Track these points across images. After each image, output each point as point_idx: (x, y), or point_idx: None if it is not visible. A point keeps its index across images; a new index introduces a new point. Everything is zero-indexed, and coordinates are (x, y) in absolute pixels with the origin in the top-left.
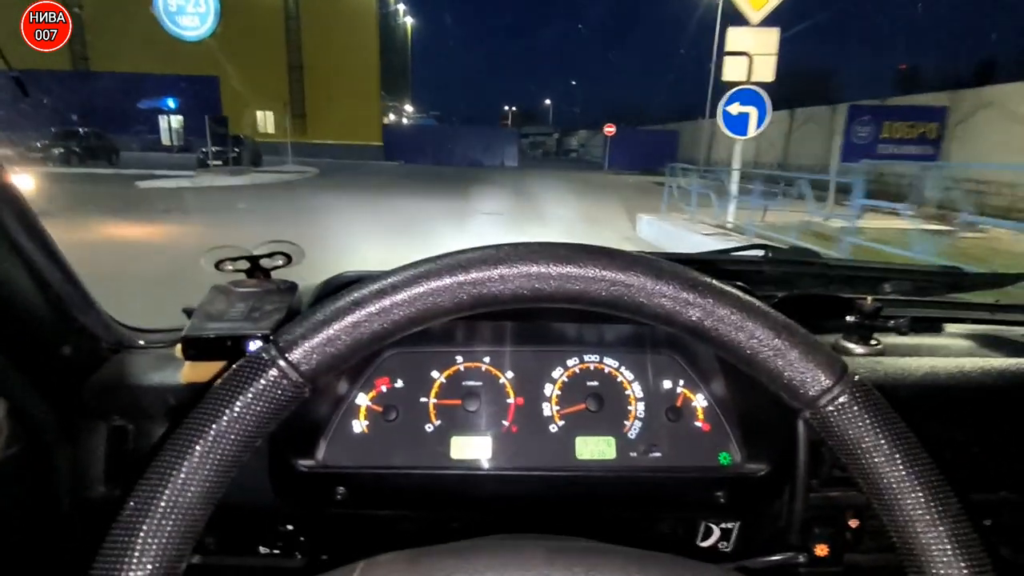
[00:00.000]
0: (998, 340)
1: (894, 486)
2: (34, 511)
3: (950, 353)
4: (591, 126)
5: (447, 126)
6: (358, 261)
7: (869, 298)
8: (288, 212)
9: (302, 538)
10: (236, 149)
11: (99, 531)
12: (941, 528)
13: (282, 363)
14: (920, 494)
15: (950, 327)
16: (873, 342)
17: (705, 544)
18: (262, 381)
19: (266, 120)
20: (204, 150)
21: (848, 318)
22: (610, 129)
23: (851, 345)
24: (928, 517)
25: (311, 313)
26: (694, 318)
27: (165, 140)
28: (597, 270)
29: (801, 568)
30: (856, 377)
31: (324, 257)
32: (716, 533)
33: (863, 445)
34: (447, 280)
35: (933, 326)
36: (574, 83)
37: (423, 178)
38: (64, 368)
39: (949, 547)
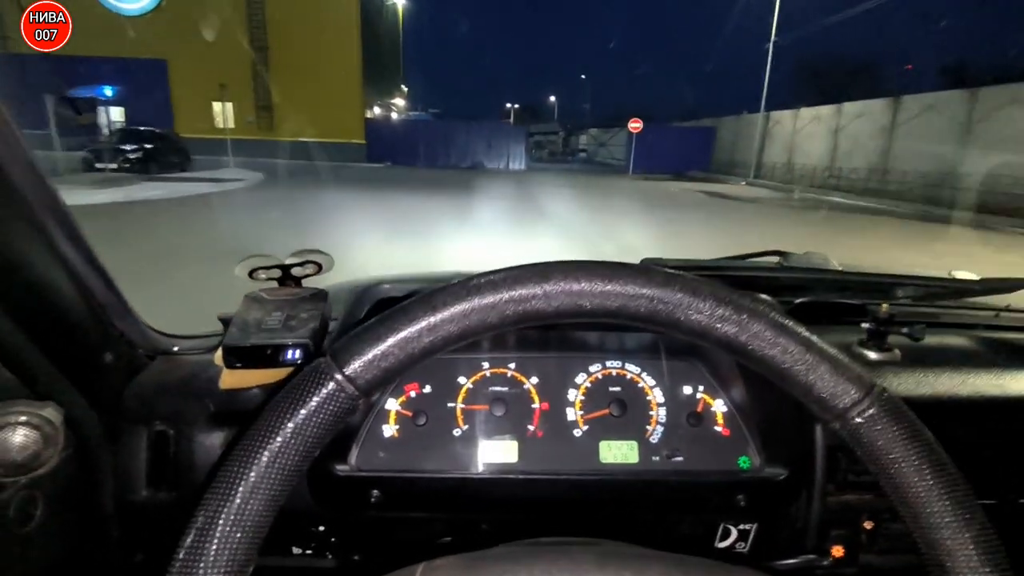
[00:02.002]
0: (1011, 345)
1: (922, 495)
2: (80, 514)
3: (963, 359)
4: (603, 124)
5: (442, 121)
6: None
7: (884, 304)
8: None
9: (333, 539)
10: (144, 145)
11: (141, 533)
12: (967, 534)
13: (339, 376)
14: (947, 503)
15: (965, 332)
16: (888, 348)
17: (722, 545)
18: (323, 393)
19: (224, 113)
20: (93, 148)
21: (863, 324)
22: (636, 125)
23: (867, 351)
24: (955, 524)
25: (364, 329)
26: (729, 334)
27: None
28: (637, 287)
29: (818, 570)
30: (884, 390)
31: None
32: (733, 534)
33: (891, 455)
34: (494, 297)
35: (946, 332)
36: (583, 77)
37: (407, 186)
38: (106, 375)
39: (975, 553)
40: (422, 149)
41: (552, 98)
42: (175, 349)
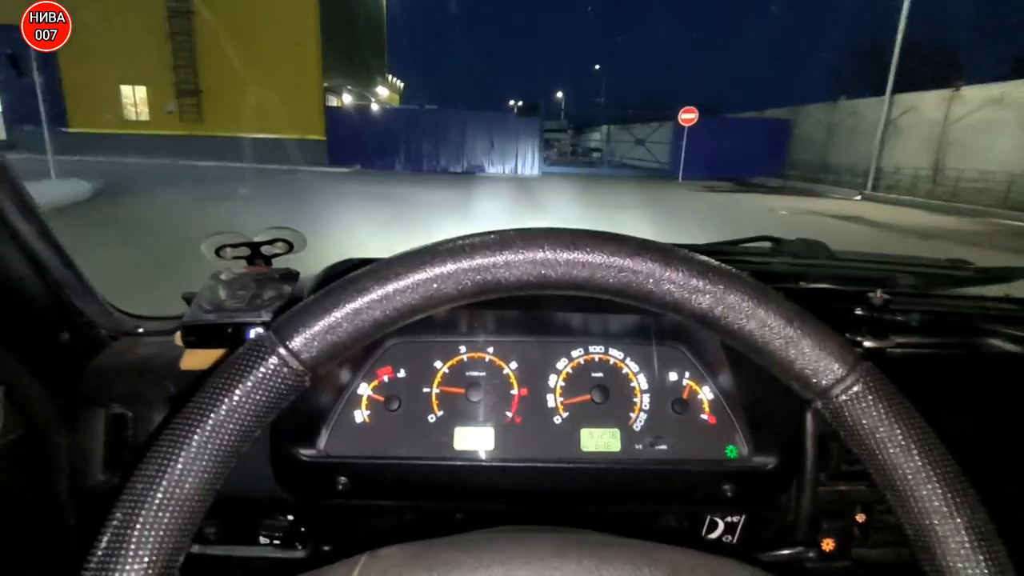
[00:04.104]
0: (1009, 335)
1: (909, 477)
2: (31, 498)
3: (960, 347)
4: (620, 120)
5: (430, 112)
6: None
7: (879, 291)
8: None
9: (303, 529)
10: None
11: (97, 519)
12: (959, 520)
13: (282, 351)
14: (936, 485)
15: (960, 321)
16: (883, 336)
17: (710, 538)
18: (262, 369)
19: (136, 99)
20: None
21: (857, 311)
22: (689, 116)
23: (861, 339)
24: (945, 509)
25: (311, 300)
26: (703, 306)
27: None
28: (604, 256)
29: (808, 562)
30: (869, 366)
31: None
32: (721, 527)
33: (877, 436)
34: (451, 266)
35: (943, 320)
36: (597, 67)
37: (354, 219)
38: (62, 354)
39: (967, 539)
40: (403, 148)
41: (559, 93)
42: (140, 330)
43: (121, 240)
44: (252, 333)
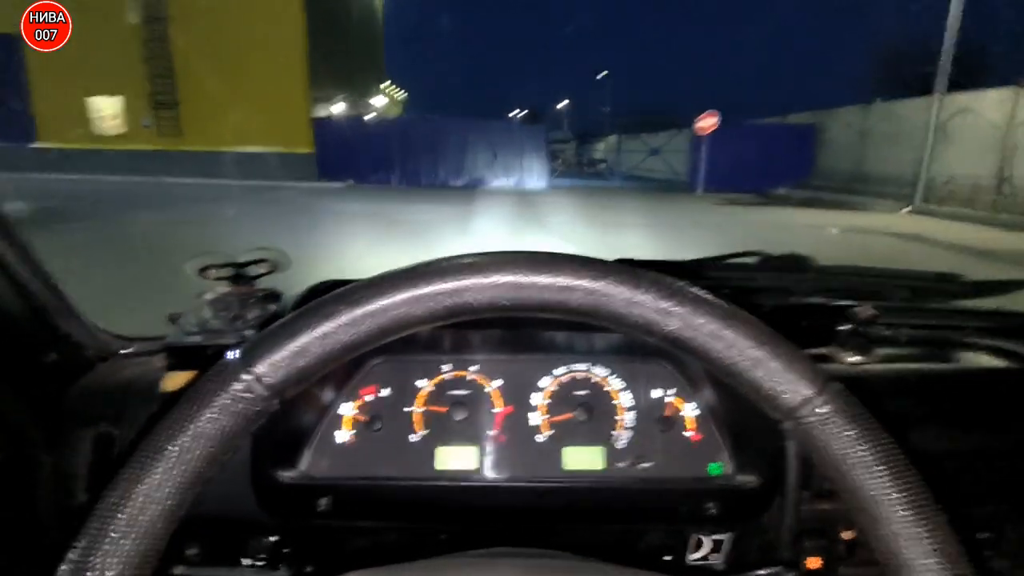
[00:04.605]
0: (998, 349)
1: (877, 499)
2: (16, 518)
3: (949, 361)
4: (629, 129)
5: (428, 120)
6: None
7: (864, 305)
8: None
9: (286, 550)
10: None
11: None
12: (925, 542)
13: (247, 376)
14: (904, 507)
15: (949, 335)
16: (867, 351)
17: (695, 557)
18: (227, 394)
19: (110, 112)
20: None
21: (843, 326)
22: (708, 123)
23: (846, 354)
24: (911, 531)
25: (279, 324)
26: (672, 327)
27: None
28: (573, 279)
29: None
30: (838, 387)
31: None
32: (706, 545)
33: (845, 457)
34: (421, 290)
35: (932, 334)
36: (605, 73)
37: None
38: (47, 375)
39: (933, 562)
40: (399, 161)
41: (563, 103)
42: (126, 351)
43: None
44: (231, 355)
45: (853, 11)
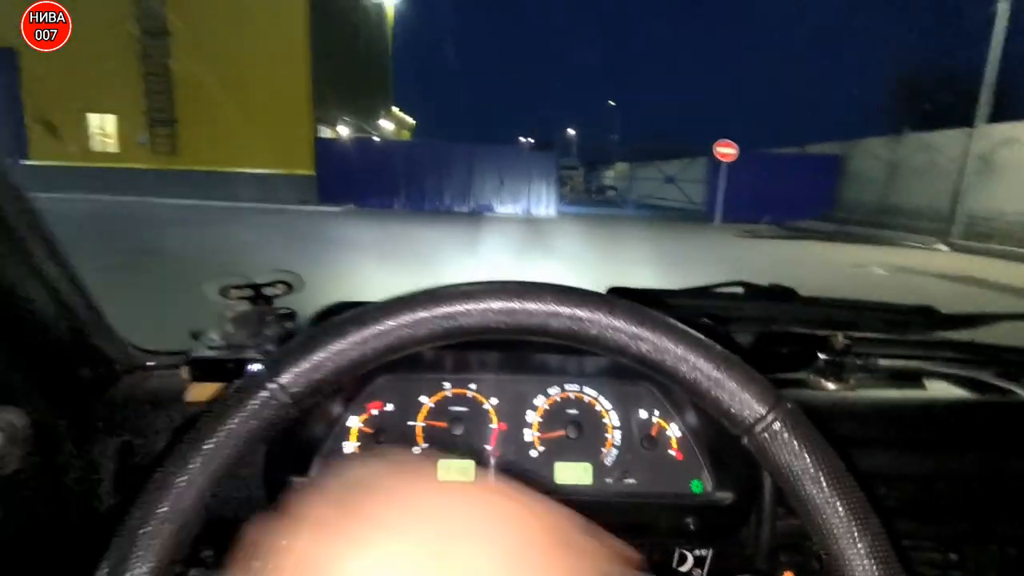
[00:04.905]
0: (970, 380)
1: (820, 506)
2: (42, 520)
3: (920, 390)
4: (640, 156)
5: (433, 145)
6: None
7: (840, 335)
8: None
9: None
10: None
11: (104, 540)
12: (860, 545)
13: (272, 385)
14: (842, 512)
15: (923, 365)
16: (845, 379)
17: (681, 570)
18: (256, 401)
19: (104, 129)
20: None
21: (820, 355)
22: (727, 151)
23: (824, 381)
24: (850, 534)
25: (299, 340)
26: (643, 350)
27: None
28: (555, 305)
29: None
30: (788, 405)
31: None
32: (690, 560)
33: (793, 469)
34: (421, 313)
35: (905, 364)
36: (613, 103)
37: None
38: (81, 386)
39: (870, 564)
40: (403, 184)
41: (571, 130)
42: (150, 364)
43: None
44: (252, 368)
45: (876, 39)
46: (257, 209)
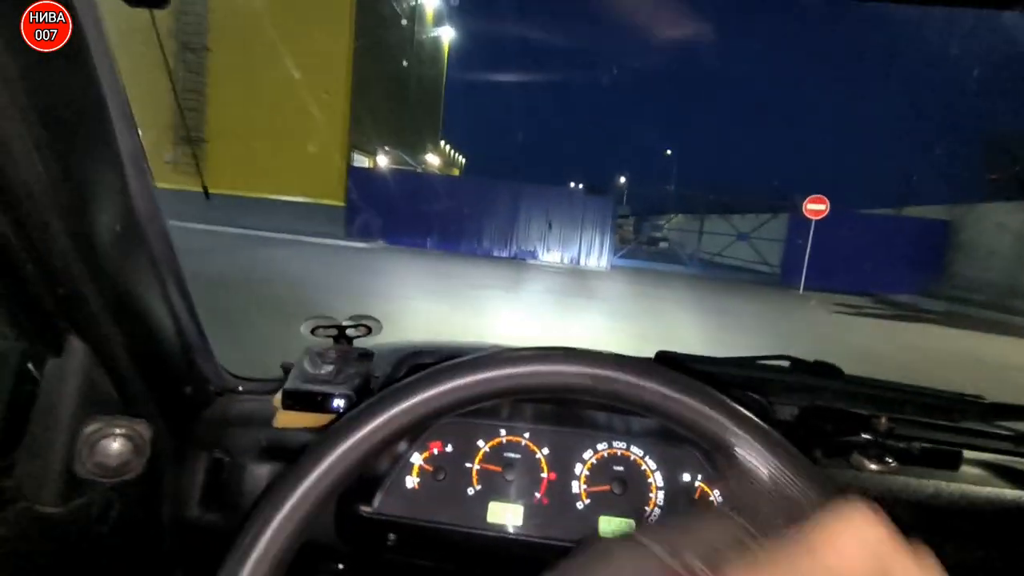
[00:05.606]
0: (1013, 471)
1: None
2: (144, 521)
3: (962, 479)
4: (698, 209)
5: (478, 179)
6: None
7: (884, 417)
8: None
9: None
10: None
11: (190, 547)
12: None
13: (367, 427)
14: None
15: (967, 454)
16: (887, 461)
17: None
18: (357, 436)
19: None
20: None
21: (863, 435)
22: (818, 208)
23: (865, 461)
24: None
25: (380, 396)
26: (675, 410)
27: None
28: (599, 369)
29: None
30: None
31: None
32: None
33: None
34: (478, 376)
35: (949, 451)
36: (669, 152)
37: None
38: (184, 405)
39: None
40: (438, 223)
41: (623, 179)
42: (240, 388)
43: None
44: (336, 402)
45: (988, 91)
46: (273, 240)
